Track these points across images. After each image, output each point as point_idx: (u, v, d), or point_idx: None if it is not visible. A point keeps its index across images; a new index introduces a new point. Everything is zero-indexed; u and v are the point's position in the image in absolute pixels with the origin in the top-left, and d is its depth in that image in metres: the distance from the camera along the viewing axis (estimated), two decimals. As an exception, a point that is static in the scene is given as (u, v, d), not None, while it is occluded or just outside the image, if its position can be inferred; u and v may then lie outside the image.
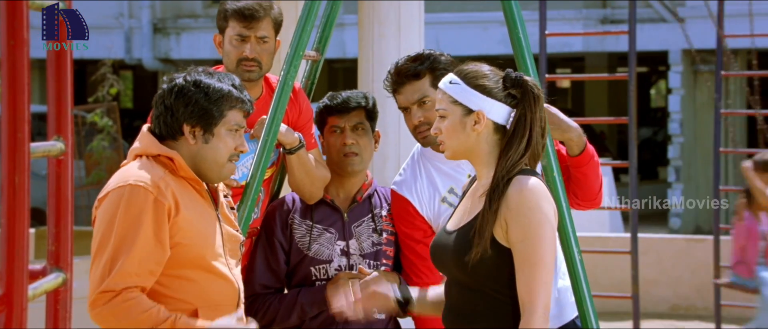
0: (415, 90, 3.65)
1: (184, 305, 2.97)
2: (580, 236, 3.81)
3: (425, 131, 3.63)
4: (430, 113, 3.60)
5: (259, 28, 3.71)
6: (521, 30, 3.75)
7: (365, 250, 3.68)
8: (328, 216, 3.71)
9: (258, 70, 3.73)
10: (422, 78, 3.65)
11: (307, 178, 3.66)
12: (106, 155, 12.46)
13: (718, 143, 7.70)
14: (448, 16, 15.58)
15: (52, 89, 2.09)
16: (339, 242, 3.68)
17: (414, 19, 5.76)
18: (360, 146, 3.70)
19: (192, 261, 2.97)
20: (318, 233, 3.68)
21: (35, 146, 1.98)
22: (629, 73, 6.74)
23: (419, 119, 3.64)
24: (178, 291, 2.97)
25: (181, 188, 2.97)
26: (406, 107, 3.68)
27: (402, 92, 3.68)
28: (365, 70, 5.77)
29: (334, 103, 3.73)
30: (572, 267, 3.74)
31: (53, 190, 2.09)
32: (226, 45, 3.75)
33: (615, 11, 15.77)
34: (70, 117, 2.11)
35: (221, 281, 3.02)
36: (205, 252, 2.98)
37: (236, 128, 3.03)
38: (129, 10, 17.33)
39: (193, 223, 2.95)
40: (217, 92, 3.00)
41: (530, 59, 3.76)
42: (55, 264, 2.07)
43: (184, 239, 2.94)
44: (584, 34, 15.02)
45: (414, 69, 3.65)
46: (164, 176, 2.95)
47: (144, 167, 2.97)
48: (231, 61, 3.73)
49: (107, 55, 13.27)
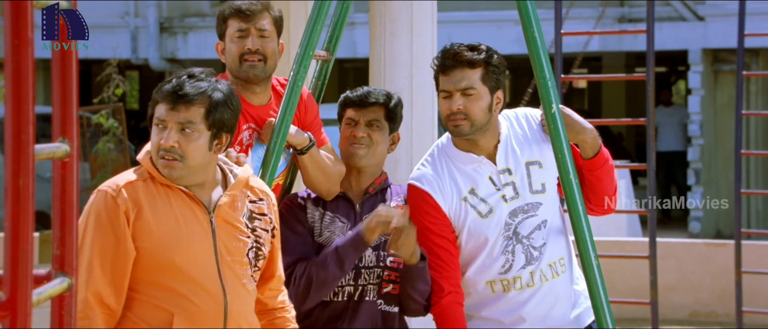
0: (465, 77, 3.67)
1: (160, 312, 3.01)
2: (596, 240, 3.81)
3: (459, 120, 3.65)
4: (472, 104, 3.64)
5: (258, 20, 3.72)
6: (536, 29, 3.75)
7: (374, 241, 3.69)
8: (340, 206, 3.76)
9: (262, 65, 3.70)
10: (475, 68, 3.68)
11: (323, 175, 3.69)
12: (111, 157, 12.48)
13: (740, 145, 7.67)
14: (462, 15, 15.58)
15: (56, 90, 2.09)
16: (350, 233, 3.70)
17: (426, 17, 5.76)
18: (371, 141, 3.73)
19: (161, 266, 3.00)
20: (329, 221, 3.72)
21: (40, 147, 1.98)
22: (647, 73, 6.73)
23: (459, 106, 3.66)
24: (152, 297, 3.01)
25: (156, 193, 3.03)
26: (448, 92, 3.69)
27: (450, 76, 3.69)
28: (377, 70, 5.77)
29: (353, 95, 3.78)
30: (589, 271, 3.73)
31: (58, 193, 2.10)
32: (228, 44, 3.75)
33: (633, 9, 15.74)
34: (76, 118, 2.11)
35: (200, 290, 3.02)
36: (174, 257, 2.99)
37: (157, 122, 3.03)
38: (135, 8, 17.35)
39: (156, 227, 2.99)
40: (155, 91, 3.06)
41: (546, 59, 3.76)
42: (60, 268, 2.08)
43: (146, 242, 2.99)
44: (601, 33, 14.99)
45: (470, 57, 3.68)
46: (135, 181, 3.03)
47: (125, 173, 3.08)
48: (233, 57, 3.73)
49: (113, 55, 13.30)
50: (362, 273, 3.70)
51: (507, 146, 3.76)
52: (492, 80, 3.69)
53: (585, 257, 3.73)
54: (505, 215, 3.73)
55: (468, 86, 3.66)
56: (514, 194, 3.74)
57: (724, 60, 14.82)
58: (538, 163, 3.76)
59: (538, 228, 3.75)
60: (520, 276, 3.75)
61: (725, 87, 15.29)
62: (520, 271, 3.75)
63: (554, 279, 3.77)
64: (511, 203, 3.74)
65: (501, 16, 15.36)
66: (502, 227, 3.73)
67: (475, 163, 3.74)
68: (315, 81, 4.05)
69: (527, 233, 3.74)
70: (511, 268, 3.75)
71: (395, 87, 5.34)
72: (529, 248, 3.75)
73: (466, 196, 3.73)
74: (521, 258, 3.74)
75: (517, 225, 3.74)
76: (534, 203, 3.75)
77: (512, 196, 3.74)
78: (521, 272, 3.75)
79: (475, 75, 3.67)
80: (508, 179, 3.74)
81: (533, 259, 3.74)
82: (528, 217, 3.75)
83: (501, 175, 3.74)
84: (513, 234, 3.74)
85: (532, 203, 3.75)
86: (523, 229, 3.74)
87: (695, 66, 15.51)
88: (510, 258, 3.74)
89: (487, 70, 3.68)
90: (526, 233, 3.74)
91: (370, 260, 3.72)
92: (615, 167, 3.86)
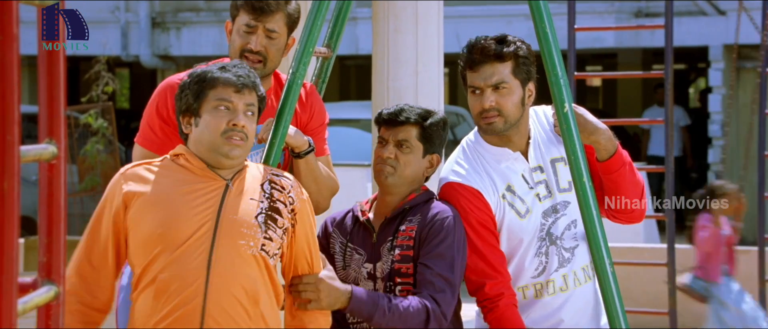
0: (495, 72, 3.67)
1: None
2: (612, 246, 3.81)
3: (492, 117, 3.66)
4: (505, 99, 3.65)
5: (270, 20, 3.73)
6: (548, 24, 3.75)
7: (385, 272, 3.68)
8: (359, 236, 3.74)
9: (261, 66, 3.72)
10: (505, 62, 3.68)
11: (315, 185, 3.67)
12: (100, 159, 12.48)
13: (763, 147, 7.67)
14: (469, 10, 15.58)
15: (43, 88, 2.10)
16: (366, 265, 3.70)
17: (432, 12, 5.76)
18: (398, 162, 3.70)
19: (158, 239, 3.27)
20: (350, 254, 3.73)
21: (25, 149, 1.98)
22: (666, 70, 6.73)
23: (491, 103, 3.67)
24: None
25: (172, 173, 3.35)
26: (478, 88, 3.68)
27: (478, 71, 3.69)
28: (380, 68, 5.77)
29: (385, 112, 3.77)
30: (604, 279, 3.74)
31: (45, 197, 2.10)
32: (234, 34, 3.77)
33: (650, 3, 15.74)
34: (63, 118, 2.12)
35: (185, 258, 3.26)
36: (173, 230, 3.28)
37: (220, 103, 3.34)
38: (125, 3, 17.36)
39: (154, 203, 3.29)
40: (195, 77, 3.38)
41: (558, 56, 3.76)
42: (47, 276, 2.08)
43: (147, 218, 3.30)
44: (617, 29, 14.99)
45: (500, 50, 3.68)
46: (151, 164, 3.39)
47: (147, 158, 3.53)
48: (234, 50, 3.76)
49: (102, 52, 13.30)
50: None
51: (536, 142, 3.76)
52: (523, 72, 3.70)
53: (599, 264, 3.73)
54: (539, 216, 3.74)
55: (499, 81, 3.66)
56: (547, 192, 3.75)
57: (747, 57, 14.81)
58: (563, 160, 3.76)
59: (568, 228, 3.76)
60: (554, 280, 3.76)
61: (748, 85, 15.28)
62: (553, 274, 3.75)
63: (587, 283, 3.78)
64: (544, 202, 3.75)
65: (511, 10, 15.37)
66: (537, 227, 3.74)
67: (510, 159, 3.74)
68: (315, 79, 4.05)
69: (560, 234, 3.76)
70: (545, 271, 3.75)
71: (399, 86, 5.35)
72: (561, 249, 3.75)
73: (504, 193, 3.73)
74: (554, 261, 3.75)
75: (551, 226, 3.74)
76: (563, 202, 3.77)
77: (545, 195, 3.75)
78: (554, 275, 3.75)
79: (505, 69, 3.67)
80: (540, 176, 3.75)
81: (566, 261, 3.75)
82: (559, 217, 3.76)
83: (533, 173, 3.75)
84: (546, 235, 3.75)
85: (562, 202, 3.77)
86: (555, 230, 3.75)
87: (716, 63, 15.50)
88: (543, 261, 3.74)
89: (518, 63, 3.68)
90: (559, 234, 3.76)
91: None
92: (633, 169, 3.85)
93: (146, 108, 3.74)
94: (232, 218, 3.29)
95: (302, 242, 3.44)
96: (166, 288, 3.25)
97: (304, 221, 3.44)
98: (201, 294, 3.23)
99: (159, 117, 3.68)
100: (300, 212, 3.43)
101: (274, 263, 3.36)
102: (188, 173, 3.35)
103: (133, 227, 3.31)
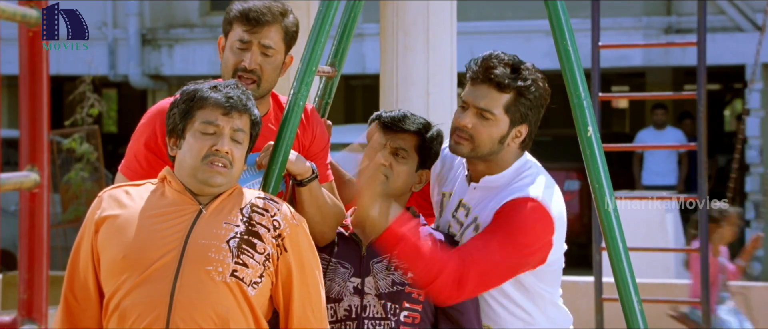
0: (488, 98, 3.69)
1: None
2: (640, 282, 3.80)
3: (462, 139, 3.69)
4: (483, 128, 3.67)
5: (264, 35, 3.71)
6: (570, 41, 3.76)
7: (381, 289, 3.68)
8: (345, 249, 3.74)
9: (255, 87, 3.69)
10: (504, 93, 3.69)
11: (319, 215, 3.66)
12: (85, 187, 12.50)
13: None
14: (485, 25, 15.61)
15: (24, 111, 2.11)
16: (353, 279, 3.70)
17: (445, 28, 5.77)
18: (391, 171, 3.73)
19: (123, 264, 3.32)
20: (333, 268, 3.72)
21: (5, 177, 1.99)
22: (698, 91, 6.73)
23: (467, 124, 3.68)
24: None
25: (150, 196, 3.39)
26: (467, 104, 3.71)
27: (475, 87, 3.72)
28: (388, 88, 5.78)
29: (386, 115, 3.79)
30: (631, 318, 3.73)
31: (26, 228, 2.10)
32: (226, 51, 3.75)
33: (681, 19, 15.75)
34: (46, 144, 2.13)
35: (149, 284, 3.30)
36: (138, 255, 3.32)
37: (206, 128, 3.37)
38: (113, 18, 17.40)
39: (122, 227, 3.35)
40: (185, 96, 3.42)
41: (581, 75, 3.76)
42: (28, 315, 2.09)
43: (114, 242, 3.35)
44: (645, 46, 15.00)
45: (502, 79, 3.68)
46: (133, 185, 3.46)
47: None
48: (227, 70, 3.73)
49: (87, 71, 13.34)
50: (366, 325, 3.68)
51: (484, 192, 3.74)
52: (517, 112, 3.69)
53: (626, 301, 3.72)
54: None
55: (486, 108, 3.68)
56: (459, 228, 3.78)
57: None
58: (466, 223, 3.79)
59: None
60: None
61: (788, 107, 15.27)
62: None
63: None
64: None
65: (530, 26, 15.39)
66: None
67: (462, 179, 3.80)
68: (318, 100, 4.06)
69: None
70: None
71: (409, 107, 5.36)
72: None
73: (448, 194, 3.92)
74: None
75: None
76: None
77: (457, 231, 3.79)
78: None
79: (500, 100, 3.68)
80: (462, 214, 3.76)
81: None
82: None
83: (460, 207, 3.77)
84: None
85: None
86: None
87: (754, 83, 15.49)
88: None
89: (517, 100, 3.67)
90: None
91: (376, 311, 3.71)
92: (662, 197, 3.86)
93: (134, 134, 3.73)
94: (200, 243, 3.32)
95: (295, 272, 3.40)
96: (129, 315, 3.29)
97: (297, 249, 3.40)
98: (163, 320, 3.26)
99: (147, 148, 3.66)
100: (290, 238, 3.40)
101: (254, 292, 3.33)
102: (163, 198, 3.39)
103: (102, 252, 3.37)
